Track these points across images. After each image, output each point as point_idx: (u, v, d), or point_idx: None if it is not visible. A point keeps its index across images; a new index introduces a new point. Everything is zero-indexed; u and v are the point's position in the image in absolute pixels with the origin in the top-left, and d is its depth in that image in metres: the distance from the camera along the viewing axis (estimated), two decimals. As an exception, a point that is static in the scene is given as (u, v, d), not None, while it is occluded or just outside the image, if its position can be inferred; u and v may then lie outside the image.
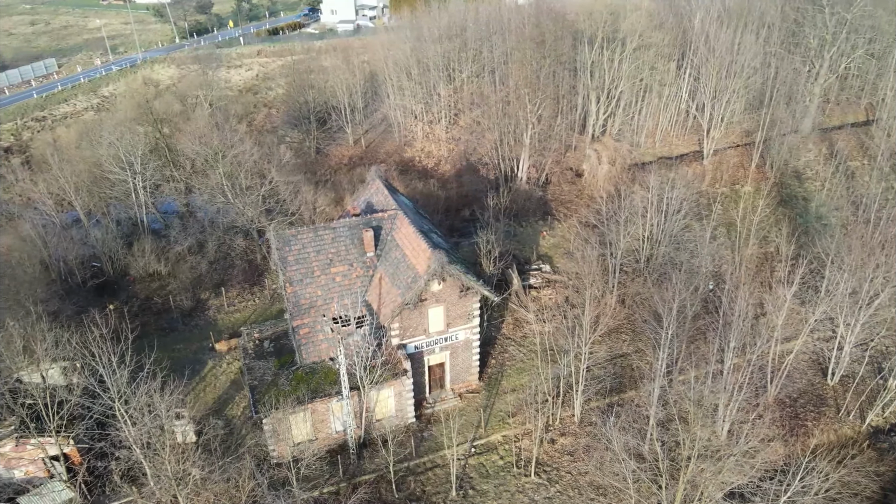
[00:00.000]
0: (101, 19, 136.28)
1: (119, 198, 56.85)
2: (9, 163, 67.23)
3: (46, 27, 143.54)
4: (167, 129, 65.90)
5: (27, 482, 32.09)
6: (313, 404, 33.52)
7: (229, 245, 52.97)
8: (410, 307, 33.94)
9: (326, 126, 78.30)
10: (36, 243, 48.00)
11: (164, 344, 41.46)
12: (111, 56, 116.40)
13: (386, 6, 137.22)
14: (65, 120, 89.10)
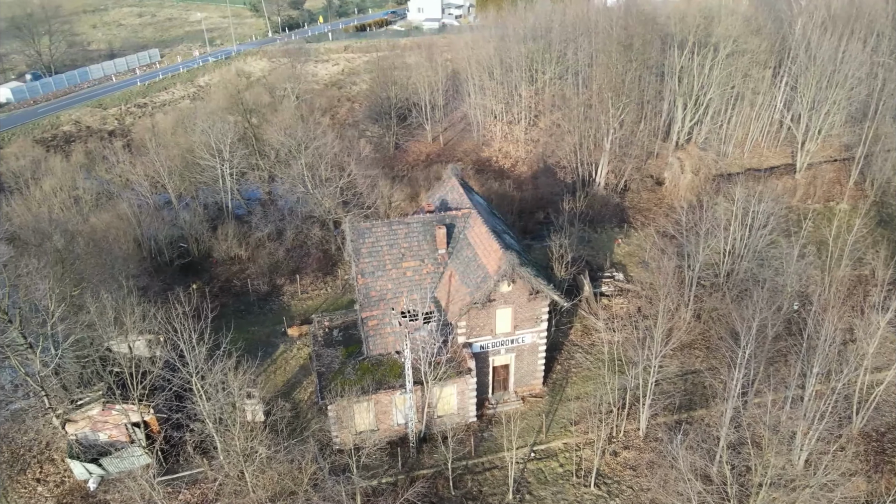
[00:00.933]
0: (202, 13, 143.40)
1: (207, 183, 59.68)
2: (112, 145, 71.66)
3: (152, 19, 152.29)
4: (255, 120, 68.56)
5: (110, 445, 34.21)
6: (377, 395, 34.07)
7: (306, 234, 54.61)
8: (478, 307, 33.92)
9: (406, 122, 79.41)
10: (131, 222, 51.04)
11: (240, 325, 43.18)
12: (208, 48, 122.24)
13: (472, 5, 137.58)
14: (163, 107, 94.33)
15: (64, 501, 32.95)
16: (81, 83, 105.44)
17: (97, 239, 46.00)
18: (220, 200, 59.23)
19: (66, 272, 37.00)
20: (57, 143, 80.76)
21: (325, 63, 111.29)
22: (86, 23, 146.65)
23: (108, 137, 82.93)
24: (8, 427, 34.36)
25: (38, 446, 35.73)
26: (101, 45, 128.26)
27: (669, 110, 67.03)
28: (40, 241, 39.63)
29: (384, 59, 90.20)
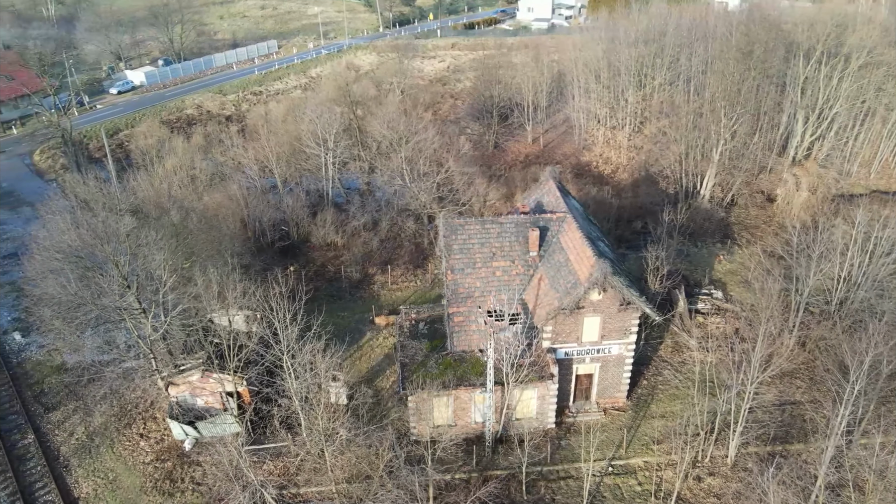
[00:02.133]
0: (319, 7, 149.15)
1: (311, 170, 62.12)
2: (228, 130, 76.21)
3: (273, 11, 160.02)
4: (360, 112, 70.61)
5: (205, 410, 36.43)
6: (457, 391, 34.27)
7: (400, 226, 55.70)
8: (566, 313, 33.35)
9: (507, 122, 79.18)
10: (239, 203, 53.97)
11: (330, 309, 44.68)
12: (322, 41, 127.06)
13: (584, 6, 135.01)
14: (277, 96, 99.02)
15: (162, 457, 35.42)
16: (206, 70, 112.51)
17: (208, 217, 48.97)
18: (321, 188, 61.52)
19: (179, 246, 39.65)
20: (180, 125, 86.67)
21: (431, 59, 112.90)
22: (214, 14, 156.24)
23: (225, 122, 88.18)
24: (119, 384, 37.30)
25: (144, 404, 38.60)
26: (226, 36, 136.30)
27: (788, 123, 62.99)
28: (159, 215, 42.68)
29: (490, 58, 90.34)
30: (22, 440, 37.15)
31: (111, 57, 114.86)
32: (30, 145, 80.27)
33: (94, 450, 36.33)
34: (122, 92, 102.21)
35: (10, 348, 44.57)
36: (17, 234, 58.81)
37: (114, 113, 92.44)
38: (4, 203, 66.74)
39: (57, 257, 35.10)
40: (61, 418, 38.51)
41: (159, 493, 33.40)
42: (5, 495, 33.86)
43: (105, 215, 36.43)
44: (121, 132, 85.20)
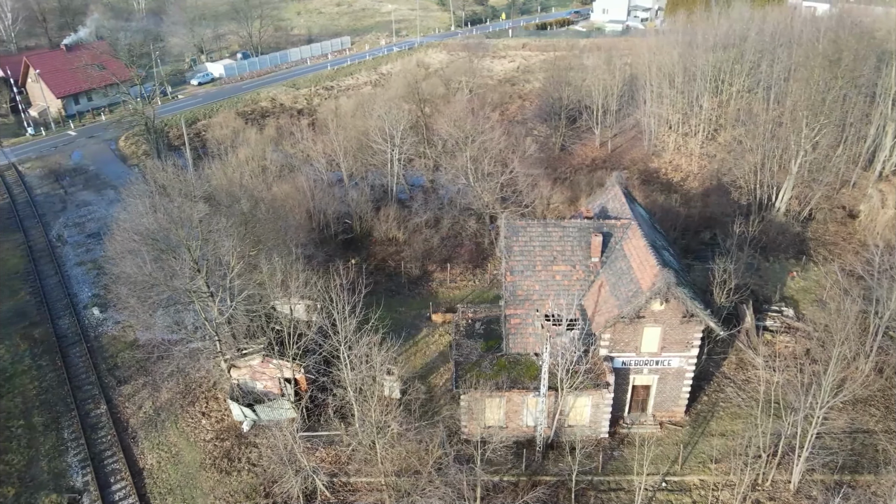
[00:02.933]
0: (393, 4, 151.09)
1: (377, 166, 63.05)
2: (299, 123, 78.22)
3: (348, 9, 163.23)
4: (428, 109, 71.14)
5: (264, 394, 37.57)
6: (510, 393, 34.09)
7: (462, 225, 55.82)
8: (626, 321, 32.64)
9: (576, 124, 78.10)
10: (306, 195, 55.33)
11: (389, 304, 45.22)
12: (394, 38, 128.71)
13: (661, 8, 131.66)
14: (347, 91, 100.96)
15: (221, 436, 36.75)
16: (281, 64, 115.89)
17: (276, 207, 50.40)
18: (386, 183, 62.34)
19: (247, 233, 40.98)
20: (254, 117, 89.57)
21: (501, 59, 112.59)
22: (292, 10, 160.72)
23: (296, 115, 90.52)
24: (186, 363, 38.90)
25: (207, 384, 40.14)
26: (302, 31, 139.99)
27: (876, 136, 59.55)
28: (230, 203, 44.20)
29: (561, 59, 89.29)
30: (95, 410, 39.30)
31: (194, 50, 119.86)
32: (116, 131, 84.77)
33: (160, 424, 38.05)
34: (202, 83, 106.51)
35: (88, 322, 47.22)
36: (100, 214, 62.22)
37: (193, 103, 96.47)
38: (91, 185, 70.70)
39: (135, 239, 36.90)
40: (131, 392, 40.52)
41: (217, 470, 34.66)
42: (77, 461, 35.91)
43: (181, 201, 38.03)
44: (199, 122, 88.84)
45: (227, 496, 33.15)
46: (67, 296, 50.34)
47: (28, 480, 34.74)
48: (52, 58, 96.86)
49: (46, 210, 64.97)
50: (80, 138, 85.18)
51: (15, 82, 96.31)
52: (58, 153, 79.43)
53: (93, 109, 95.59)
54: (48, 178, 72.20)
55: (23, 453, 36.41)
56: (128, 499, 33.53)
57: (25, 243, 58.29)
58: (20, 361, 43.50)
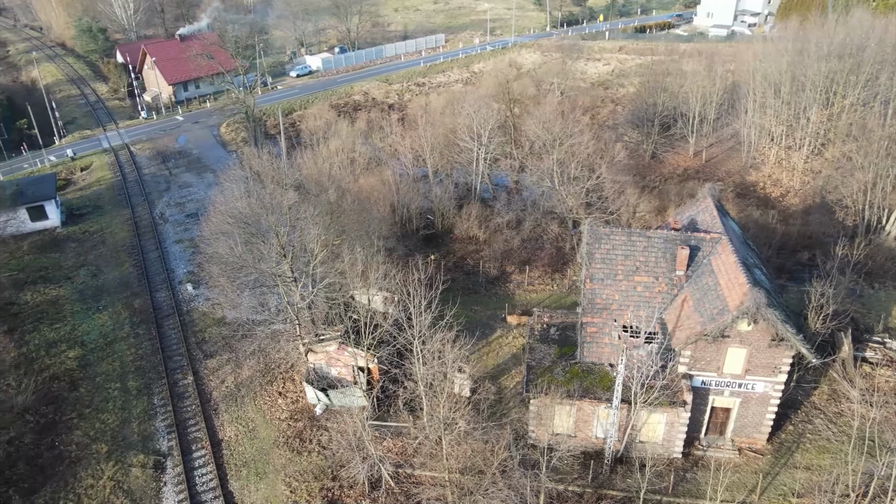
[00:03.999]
0: (489, 3, 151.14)
1: (462, 164, 63.33)
2: (389, 117, 79.85)
3: (444, 6, 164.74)
4: (517, 110, 70.72)
5: (338, 380, 38.62)
6: (581, 402, 33.45)
7: (543, 228, 55.21)
8: (708, 340, 31.28)
9: (669, 132, 75.48)
10: (391, 188, 56.35)
11: (465, 302, 45.32)
12: (488, 37, 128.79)
13: (771, 14, 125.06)
14: (438, 88, 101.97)
15: (295, 417, 38.09)
16: (376, 59, 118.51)
17: (361, 199, 51.63)
18: (470, 182, 62.53)
19: (332, 223, 42.20)
20: (347, 110, 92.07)
21: (595, 62, 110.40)
22: (390, 6, 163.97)
23: (387, 110, 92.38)
24: (267, 343, 40.57)
25: (285, 365, 41.69)
26: (398, 27, 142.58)
27: None
28: (318, 192, 45.63)
29: (658, 64, 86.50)
30: (183, 380, 41.68)
31: (295, 43, 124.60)
32: (219, 118, 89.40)
33: (240, 399, 39.88)
34: (301, 75, 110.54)
35: (182, 297, 50.10)
36: (199, 196, 65.82)
37: (291, 94, 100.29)
38: (193, 168, 74.92)
39: (229, 221, 38.76)
40: (216, 366, 42.68)
41: (289, 449, 35.95)
42: (164, 426, 38.22)
43: (272, 188, 39.62)
44: (295, 112, 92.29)
45: (296, 475, 34.32)
46: (165, 270, 53.61)
47: (120, 440, 37.29)
48: (167, 47, 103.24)
49: (152, 189, 69.40)
50: (187, 123, 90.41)
51: (133, 68, 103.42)
52: (166, 136, 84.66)
53: (199, 97, 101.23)
54: (156, 160, 77.07)
55: (117, 414, 39.12)
56: (207, 466, 35.37)
57: (132, 219, 62.52)
58: (121, 328, 46.73)
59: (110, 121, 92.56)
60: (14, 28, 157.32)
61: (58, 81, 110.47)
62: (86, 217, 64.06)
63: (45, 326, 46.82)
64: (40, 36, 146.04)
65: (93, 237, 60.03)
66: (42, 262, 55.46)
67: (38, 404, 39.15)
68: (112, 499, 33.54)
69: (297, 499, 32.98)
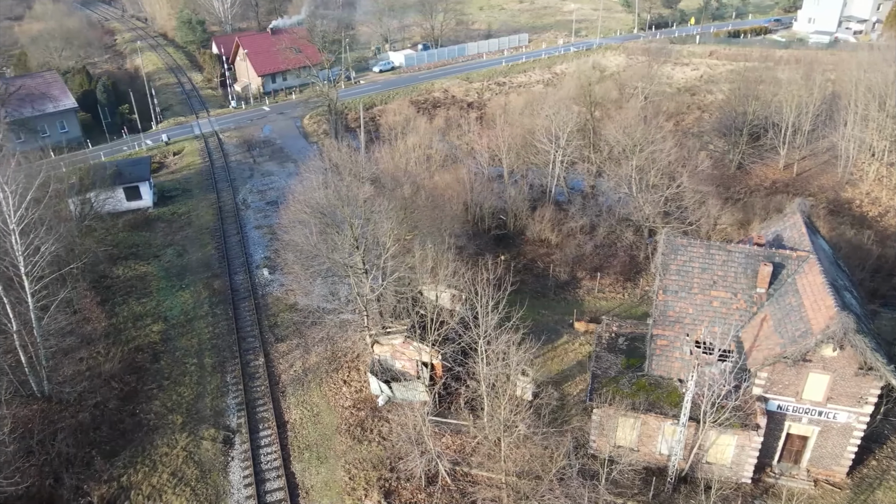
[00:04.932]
0: (576, 4, 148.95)
1: (538, 165, 62.76)
2: (467, 116, 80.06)
3: (530, 6, 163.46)
4: (598, 113, 69.37)
5: (401, 374, 39.12)
6: (646, 416, 32.52)
7: (618, 235, 53.97)
8: (788, 363, 29.71)
9: (758, 142, 72.08)
10: (465, 187, 56.51)
11: (532, 305, 44.97)
12: (572, 38, 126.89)
13: (879, 21, 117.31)
14: (518, 88, 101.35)
15: (358, 406, 38.87)
16: (457, 57, 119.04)
17: (435, 195, 52.06)
18: (545, 184, 61.88)
19: (405, 218, 42.76)
20: (426, 107, 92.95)
21: (683, 66, 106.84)
22: (475, 5, 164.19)
23: (466, 108, 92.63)
24: (335, 332, 41.61)
25: (351, 355, 42.60)
26: (482, 26, 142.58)
27: None
28: (394, 187, 46.39)
29: (751, 70, 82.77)
30: (254, 361, 43.31)
31: (379, 38, 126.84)
32: (303, 110, 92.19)
33: (306, 384, 41.06)
34: (383, 71, 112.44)
35: (258, 281, 52.06)
36: (280, 185, 68.13)
37: (372, 89, 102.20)
38: (276, 157, 77.63)
39: (306, 211, 39.95)
40: (286, 350, 44.10)
41: (350, 436, 36.72)
42: (235, 404, 39.85)
43: (349, 180, 40.54)
44: (375, 107, 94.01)
45: (356, 462, 35.02)
46: (244, 255, 55.84)
47: (194, 413, 39.17)
48: (258, 40, 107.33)
49: (237, 176, 72.40)
50: (272, 114, 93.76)
51: (226, 59, 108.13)
52: (252, 126, 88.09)
53: (285, 89, 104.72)
54: (241, 148, 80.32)
55: (193, 388, 41.10)
56: (272, 446, 36.63)
57: (217, 203, 65.44)
58: (200, 307, 49.04)
59: (202, 109, 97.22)
60: (122, 18, 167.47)
61: (158, 70, 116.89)
62: (175, 199, 67.58)
63: (133, 300, 49.73)
64: (145, 26, 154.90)
65: (180, 219, 63.24)
66: (134, 240, 58.93)
67: (123, 373, 41.64)
68: (184, 468, 35.28)
69: (355, 486, 33.66)
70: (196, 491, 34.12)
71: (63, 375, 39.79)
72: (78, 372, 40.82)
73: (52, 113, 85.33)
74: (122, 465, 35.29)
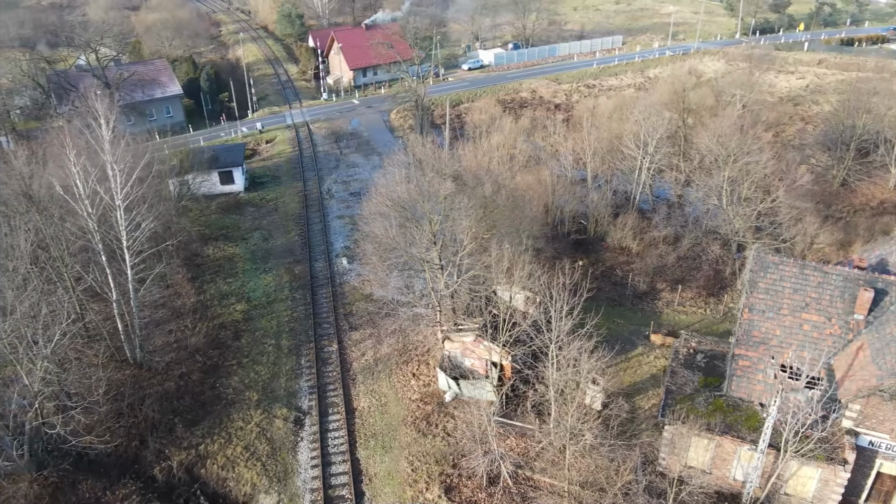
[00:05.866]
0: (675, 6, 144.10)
1: (623, 171, 61.13)
2: (554, 117, 79.01)
3: (627, 7, 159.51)
4: (691, 120, 66.82)
5: (470, 371, 39.16)
6: (722, 439, 31.11)
7: (703, 248, 51.81)
8: (885, 397, 27.65)
9: (867, 158, 67.27)
10: (547, 188, 55.83)
11: (608, 313, 43.87)
12: (669, 41, 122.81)
13: None
14: (608, 91, 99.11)
15: (425, 399, 39.25)
16: (547, 57, 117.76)
17: (516, 196, 51.66)
18: (629, 190, 60.26)
19: (484, 217, 42.69)
20: (512, 106, 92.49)
21: (788, 75, 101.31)
22: (569, 5, 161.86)
23: (552, 109, 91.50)
24: (408, 325, 42.15)
25: (422, 348, 43.04)
26: (575, 27, 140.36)
27: None
28: (475, 185, 46.35)
29: (864, 81, 77.32)
30: (328, 347, 44.55)
31: (470, 36, 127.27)
32: (390, 105, 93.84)
33: (376, 374, 41.84)
34: (472, 69, 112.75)
35: (336, 270, 53.48)
36: (364, 177, 69.67)
37: (460, 87, 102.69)
38: (361, 150, 79.42)
39: (387, 204, 40.63)
40: (359, 339, 45.10)
41: (415, 429, 37.13)
42: (307, 386, 41.15)
43: (431, 176, 40.86)
44: (461, 104, 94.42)
45: (419, 455, 35.38)
46: (325, 243, 57.51)
47: (269, 392, 40.73)
48: (353, 34, 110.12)
49: (323, 166, 74.59)
50: (361, 107, 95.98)
51: (321, 53, 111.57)
52: (341, 118, 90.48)
53: (375, 83, 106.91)
54: (329, 139, 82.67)
55: (269, 368, 42.74)
56: (340, 430, 37.59)
57: (303, 191, 67.69)
58: (281, 291, 50.91)
59: (296, 99, 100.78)
60: (227, 10, 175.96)
61: (257, 61, 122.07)
62: (265, 185, 70.41)
63: (220, 279, 52.22)
64: (248, 19, 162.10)
65: (268, 204, 65.84)
66: (224, 222, 61.86)
67: (207, 347, 43.84)
68: (256, 443, 36.77)
69: (417, 478, 34.01)
70: (266, 466, 35.49)
71: (154, 345, 42.34)
72: (167, 343, 43.35)
73: (160, 98, 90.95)
74: (201, 435, 37.15)
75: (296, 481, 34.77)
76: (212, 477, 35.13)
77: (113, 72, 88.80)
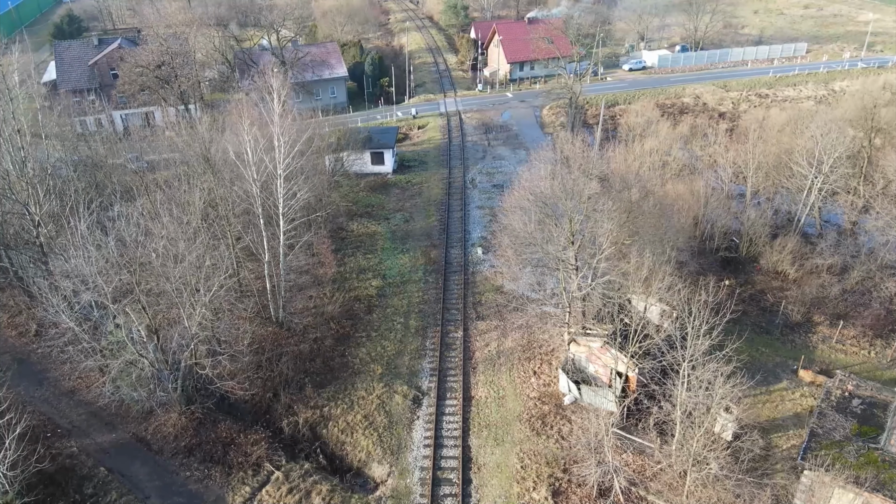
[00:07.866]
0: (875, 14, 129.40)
1: (789, 189, 56.05)
2: (716, 126, 74.12)
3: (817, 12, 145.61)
4: (879, 140, 59.83)
5: (593, 378, 38.02)
6: (873, 496, 27.71)
7: (875, 283, 46.34)
8: None
9: None
10: (699, 200, 52.59)
11: (751, 340, 40.69)
12: (863, 52, 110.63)
13: None
14: (783, 102, 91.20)
15: (543, 399, 38.71)
16: (717, 62, 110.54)
17: (664, 204, 49.19)
18: (794, 211, 55.17)
19: (627, 222, 41.10)
20: (672, 112, 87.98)
21: None
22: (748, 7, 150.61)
23: (716, 117, 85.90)
24: (534, 322, 41.72)
25: (546, 347, 42.44)
26: (753, 31, 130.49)
27: None
28: (621, 189, 44.72)
29: None
30: (453, 333, 45.25)
31: (635, 36, 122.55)
32: (543, 100, 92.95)
33: (497, 366, 41.88)
34: (633, 70, 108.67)
35: (471, 258, 54.08)
36: (508, 170, 69.72)
37: (618, 87, 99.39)
38: (509, 143, 79.51)
39: (528, 198, 40.34)
40: (484, 329, 45.36)
41: (530, 427, 36.75)
42: (429, 368, 42.13)
43: (577, 175, 39.93)
44: (617, 105, 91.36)
45: (531, 454, 34.99)
46: (463, 231, 58.34)
47: (392, 367, 42.21)
48: (514, 28, 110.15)
49: (470, 155, 75.58)
50: (514, 101, 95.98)
51: (480, 45, 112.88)
52: (493, 110, 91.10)
53: (531, 77, 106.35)
54: (479, 129, 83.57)
55: (395, 345, 44.25)
56: (455, 416, 38.12)
57: (447, 179, 69.08)
58: (415, 272, 52.43)
59: (451, 89, 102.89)
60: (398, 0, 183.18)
61: (419, 49, 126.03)
62: (412, 169, 72.72)
63: (360, 255, 54.78)
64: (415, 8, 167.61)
65: (413, 188, 67.97)
66: (371, 201, 64.75)
67: (341, 317, 46.25)
68: (375, 414, 38.29)
69: (525, 476, 33.68)
70: (382, 438, 36.85)
71: (294, 308, 45.37)
72: (306, 308, 46.28)
73: (327, 79, 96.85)
74: (327, 397, 39.34)
75: (407, 457, 35.78)
76: (332, 438, 37.14)
77: (289, 52, 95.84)
